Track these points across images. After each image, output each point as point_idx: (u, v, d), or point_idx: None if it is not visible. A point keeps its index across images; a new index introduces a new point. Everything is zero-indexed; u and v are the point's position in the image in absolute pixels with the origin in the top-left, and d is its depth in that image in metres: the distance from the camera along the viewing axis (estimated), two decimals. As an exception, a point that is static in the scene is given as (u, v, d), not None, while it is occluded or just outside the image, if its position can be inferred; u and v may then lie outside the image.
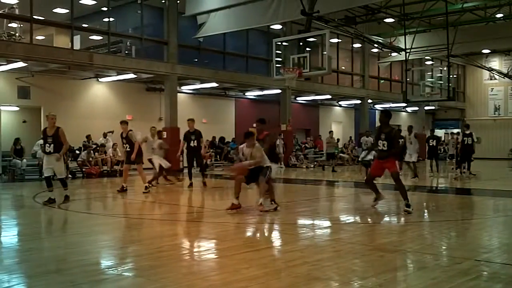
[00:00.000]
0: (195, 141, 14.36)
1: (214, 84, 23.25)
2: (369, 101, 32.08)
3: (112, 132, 20.56)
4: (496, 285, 5.00)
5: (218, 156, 23.82)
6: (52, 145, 10.57)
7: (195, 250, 6.80)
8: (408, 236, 7.57)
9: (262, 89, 25.83)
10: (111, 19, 20.29)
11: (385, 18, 26.04)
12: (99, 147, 19.62)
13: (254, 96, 27.09)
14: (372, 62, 32.22)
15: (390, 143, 9.47)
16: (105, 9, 20.37)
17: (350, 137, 31.28)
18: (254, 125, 13.58)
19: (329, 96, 29.35)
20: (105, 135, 20.41)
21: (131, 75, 20.36)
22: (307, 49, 17.58)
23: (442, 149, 29.00)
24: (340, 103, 32.37)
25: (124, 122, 13.85)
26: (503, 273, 5.39)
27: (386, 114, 9.92)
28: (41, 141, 17.81)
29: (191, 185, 14.45)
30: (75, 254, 6.34)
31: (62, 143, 10.65)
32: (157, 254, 6.22)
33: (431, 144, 18.95)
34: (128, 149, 13.42)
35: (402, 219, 9.03)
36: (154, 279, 5.09)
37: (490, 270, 5.53)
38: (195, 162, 14.90)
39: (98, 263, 6.04)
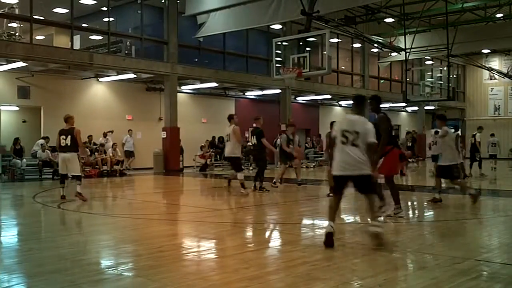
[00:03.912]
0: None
1: (214, 84, 23.27)
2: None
3: (112, 131, 20.59)
4: (496, 285, 5.00)
5: (217, 156, 23.82)
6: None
7: (195, 250, 6.79)
8: (408, 236, 7.57)
9: (262, 89, 25.84)
10: (111, 19, 20.31)
11: (385, 18, 26.06)
12: (99, 147, 19.61)
13: (254, 96, 27.10)
14: (372, 62, 32.25)
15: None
16: (105, 9, 20.38)
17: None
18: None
19: (329, 96, 29.37)
20: (105, 135, 20.42)
21: (131, 75, 20.38)
22: (307, 49, 17.59)
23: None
24: (340, 103, 32.38)
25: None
26: (503, 273, 5.38)
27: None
28: (42, 141, 17.92)
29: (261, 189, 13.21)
30: (75, 254, 6.34)
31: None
32: (157, 254, 6.22)
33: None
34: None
35: (402, 219, 9.02)
36: (154, 279, 5.09)
37: (490, 270, 5.53)
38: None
39: (98, 263, 6.04)
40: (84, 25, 20.85)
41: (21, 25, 18.05)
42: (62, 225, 9.22)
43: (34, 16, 17.79)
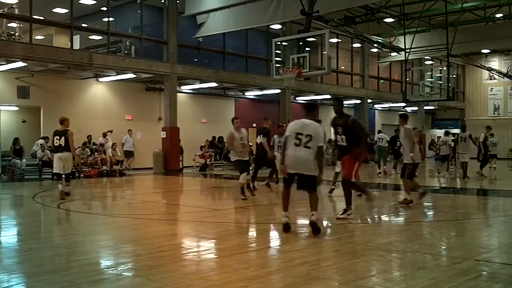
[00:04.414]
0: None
1: (214, 84, 23.27)
2: (369, 101, 32.10)
3: (111, 131, 20.58)
4: (496, 285, 5.00)
5: (217, 156, 23.82)
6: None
7: (194, 250, 6.79)
8: (407, 236, 7.57)
9: (261, 89, 25.83)
10: (111, 19, 20.30)
11: (385, 18, 26.05)
12: (99, 147, 19.59)
13: (254, 96, 27.09)
14: (371, 62, 32.24)
15: (349, 136, 8.59)
16: (104, 9, 20.37)
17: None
18: (254, 124, 13.60)
19: (328, 96, 29.35)
20: (104, 135, 20.40)
21: (131, 75, 20.37)
22: (307, 49, 17.58)
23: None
24: (339, 102, 32.32)
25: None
26: (503, 273, 5.39)
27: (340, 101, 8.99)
28: (41, 141, 17.92)
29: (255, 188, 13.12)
30: (75, 254, 6.34)
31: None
32: (156, 254, 6.22)
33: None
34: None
35: (401, 218, 9.03)
36: (153, 279, 5.09)
37: (490, 270, 5.53)
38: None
39: (98, 263, 6.04)
40: (83, 25, 20.84)
41: (21, 25, 18.04)
42: (61, 225, 9.22)
43: (34, 16, 17.78)
